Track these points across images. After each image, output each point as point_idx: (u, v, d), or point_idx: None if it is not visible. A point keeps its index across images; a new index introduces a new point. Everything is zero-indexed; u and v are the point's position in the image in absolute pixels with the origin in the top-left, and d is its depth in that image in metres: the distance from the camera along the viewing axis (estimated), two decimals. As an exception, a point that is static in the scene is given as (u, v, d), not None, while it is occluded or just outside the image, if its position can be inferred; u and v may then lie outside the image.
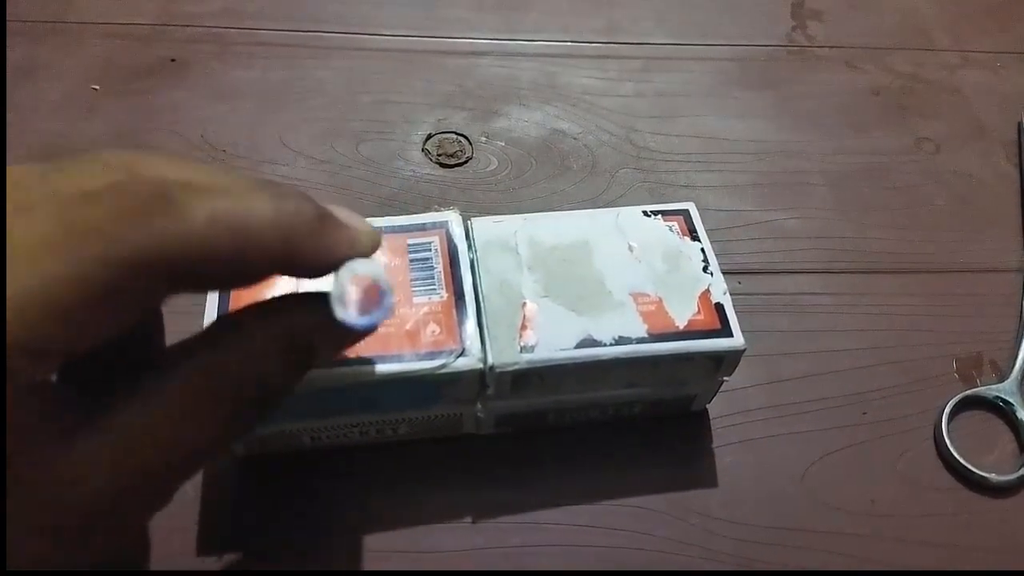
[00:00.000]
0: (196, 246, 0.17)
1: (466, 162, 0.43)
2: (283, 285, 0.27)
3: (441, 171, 0.43)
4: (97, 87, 0.45)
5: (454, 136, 0.44)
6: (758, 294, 0.38)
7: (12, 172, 0.17)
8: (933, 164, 0.45)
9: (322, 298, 0.20)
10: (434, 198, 0.41)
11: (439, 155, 0.43)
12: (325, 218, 0.20)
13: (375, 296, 0.20)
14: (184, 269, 0.17)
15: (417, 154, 0.43)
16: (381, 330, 0.28)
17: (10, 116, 0.43)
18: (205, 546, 0.29)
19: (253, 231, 0.18)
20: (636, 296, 0.29)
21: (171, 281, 0.17)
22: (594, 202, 0.42)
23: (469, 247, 0.31)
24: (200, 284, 0.19)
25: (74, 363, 0.18)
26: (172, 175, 0.18)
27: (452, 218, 0.31)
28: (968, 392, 0.35)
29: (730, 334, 0.29)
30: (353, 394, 0.28)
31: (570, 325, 0.29)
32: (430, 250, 0.30)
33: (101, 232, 0.16)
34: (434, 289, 0.29)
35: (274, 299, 0.21)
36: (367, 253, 0.21)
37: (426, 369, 0.27)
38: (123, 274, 0.16)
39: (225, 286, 0.20)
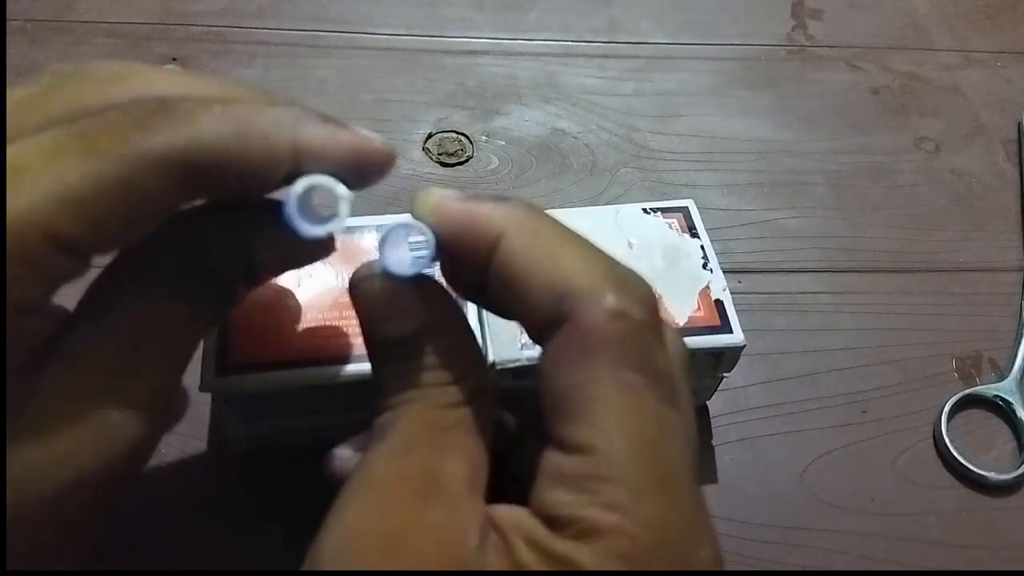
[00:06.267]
0: (205, 148, 0.18)
1: (467, 161, 0.43)
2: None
3: (442, 170, 0.43)
4: (98, 86, 0.45)
5: (455, 135, 0.44)
6: (758, 293, 0.38)
7: (11, 95, 0.18)
8: (933, 163, 0.45)
9: (274, 207, 0.20)
10: (434, 197, 0.41)
11: (440, 154, 0.43)
12: (331, 120, 0.20)
13: (328, 206, 0.20)
14: (194, 170, 0.18)
15: (418, 153, 0.43)
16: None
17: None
18: (205, 544, 0.29)
19: (259, 135, 0.18)
20: (636, 294, 0.29)
21: (183, 182, 0.18)
22: (595, 201, 0.42)
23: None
24: (212, 188, 0.19)
25: None
26: (167, 88, 0.19)
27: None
28: (967, 391, 0.35)
29: (730, 330, 0.29)
30: (355, 391, 0.28)
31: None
32: (431, 248, 0.30)
33: (114, 134, 0.17)
34: (434, 287, 0.29)
35: (224, 209, 0.21)
36: (381, 163, 0.21)
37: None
38: (137, 171, 0.17)
39: (239, 191, 0.19)
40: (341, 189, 0.19)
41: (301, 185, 0.19)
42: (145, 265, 0.19)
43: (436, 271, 0.21)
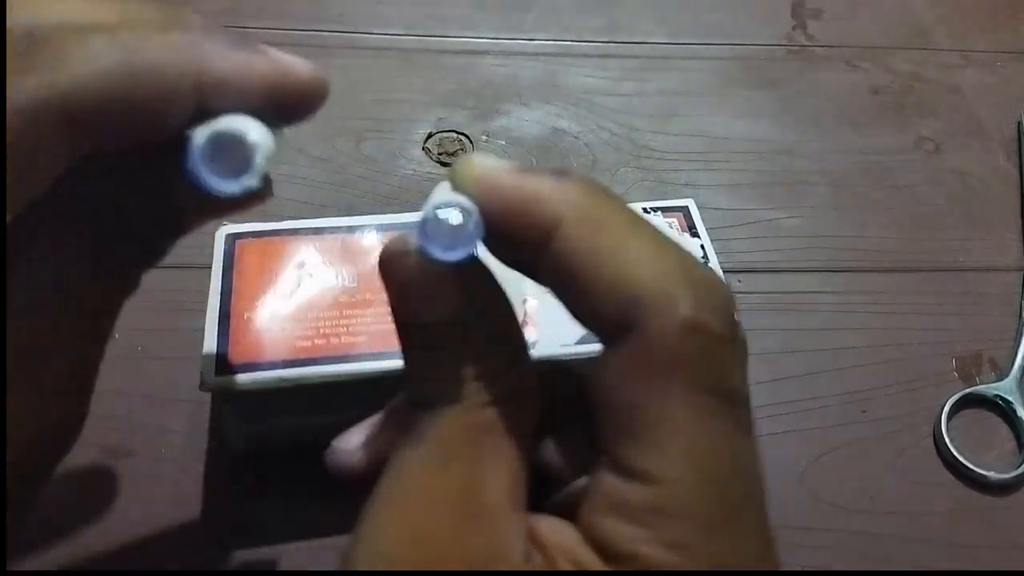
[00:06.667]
0: (85, 90, 0.15)
1: (466, 161, 0.43)
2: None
3: (442, 170, 0.43)
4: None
5: (455, 135, 0.44)
6: (758, 292, 0.38)
7: None
8: (933, 163, 0.45)
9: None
10: (435, 196, 0.41)
11: (440, 154, 0.43)
12: (245, 45, 0.17)
13: (242, 156, 0.16)
14: (76, 116, 0.15)
15: (418, 152, 0.43)
16: (384, 327, 0.28)
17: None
18: (204, 544, 0.29)
19: (153, 71, 0.16)
20: (636, 293, 0.29)
21: (66, 132, 0.15)
22: (594, 201, 0.42)
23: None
24: (102, 136, 0.16)
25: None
26: (50, 14, 0.15)
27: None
28: (967, 390, 0.35)
29: (730, 331, 0.29)
30: (355, 391, 0.28)
31: (571, 322, 0.29)
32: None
33: None
34: (435, 286, 0.29)
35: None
36: (306, 95, 0.18)
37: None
38: (16, 123, 0.14)
39: (140, 136, 0.16)
40: (253, 135, 0.16)
41: (202, 134, 0.16)
42: (48, 227, 0.17)
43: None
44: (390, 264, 0.17)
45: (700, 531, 0.15)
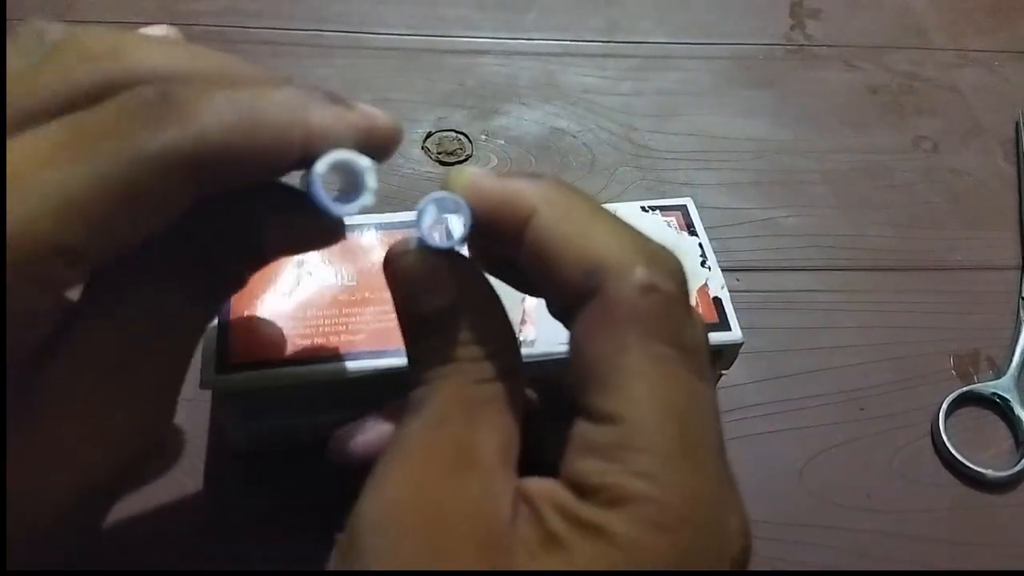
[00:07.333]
0: (212, 143, 0.17)
1: (466, 160, 0.43)
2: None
3: (441, 169, 0.43)
4: (99, 85, 0.45)
5: (454, 134, 0.44)
6: (756, 291, 0.39)
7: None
8: (931, 162, 0.46)
9: (285, 190, 0.20)
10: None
11: (439, 153, 0.44)
12: (338, 100, 0.19)
13: (353, 182, 0.19)
14: (202, 167, 0.17)
15: (417, 152, 0.43)
16: (382, 325, 0.28)
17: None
18: (205, 543, 0.29)
19: (268, 125, 0.18)
20: (635, 292, 0.30)
21: (191, 180, 0.17)
22: (593, 200, 0.42)
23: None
24: (221, 182, 0.18)
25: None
26: (164, 65, 0.18)
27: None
28: (965, 388, 0.35)
29: (728, 328, 0.29)
30: (354, 390, 0.28)
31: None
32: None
33: (115, 134, 0.16)
34: (434, 285, 0.29)
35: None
36: (388, 141, 0.20)
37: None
38: (142, 173, 0.16)
39: (249, 180, 0.18)
40: (364, 161, 0.19)
41: (323, 165, 0.18)
42: (149, 253, 0.19)
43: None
44: (393, 261, 0.20)
45: (663, 461, 0.16)
